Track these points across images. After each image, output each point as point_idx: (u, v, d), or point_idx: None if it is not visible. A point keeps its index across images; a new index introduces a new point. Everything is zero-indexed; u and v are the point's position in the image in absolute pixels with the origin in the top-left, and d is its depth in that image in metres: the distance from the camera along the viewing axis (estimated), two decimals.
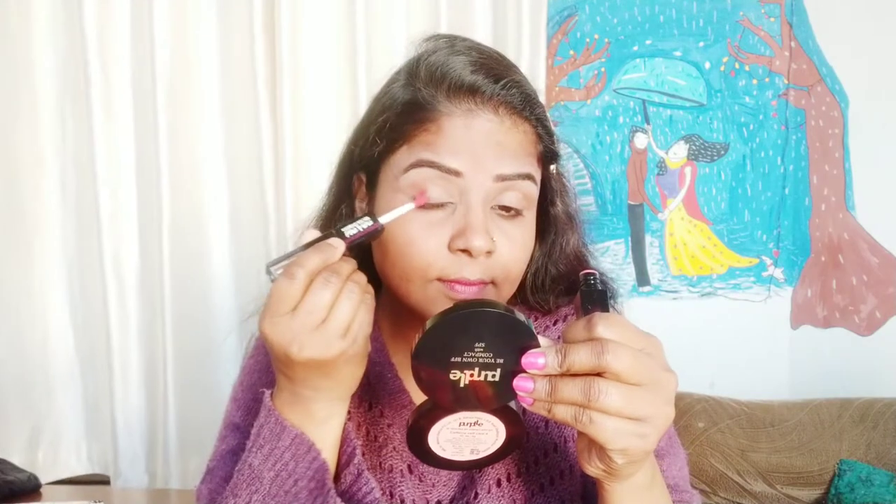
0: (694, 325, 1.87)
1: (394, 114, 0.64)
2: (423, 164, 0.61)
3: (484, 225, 0.60)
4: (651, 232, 1.89)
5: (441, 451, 0.54)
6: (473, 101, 0.61)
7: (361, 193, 0.69)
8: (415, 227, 0.61)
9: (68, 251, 1.76)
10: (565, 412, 0.47)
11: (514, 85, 0.62)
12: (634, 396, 0.46)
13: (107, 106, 1.67)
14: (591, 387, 0.45)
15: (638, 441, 0.47)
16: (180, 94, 1.69)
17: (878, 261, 1.86)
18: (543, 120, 0.65)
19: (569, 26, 1.86)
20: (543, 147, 0.66)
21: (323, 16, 1.70)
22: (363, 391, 0.69)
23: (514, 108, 0.62)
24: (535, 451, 0.69)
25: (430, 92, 0.62)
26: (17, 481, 1.51)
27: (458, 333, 0.48)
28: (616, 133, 1.88)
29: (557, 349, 0.47)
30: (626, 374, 0.45)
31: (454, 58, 0.63)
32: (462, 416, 0.52)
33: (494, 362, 0.48)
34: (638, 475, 0.53)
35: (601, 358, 0.45)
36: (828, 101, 1.85)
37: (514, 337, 0.48)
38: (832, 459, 1.62)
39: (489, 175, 0.60)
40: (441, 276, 0.61)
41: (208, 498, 0.69)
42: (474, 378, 0.49)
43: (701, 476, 1.64)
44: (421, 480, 0.68)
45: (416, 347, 0.49)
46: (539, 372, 0.47)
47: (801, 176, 1.88)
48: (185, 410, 1.73)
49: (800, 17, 1.84)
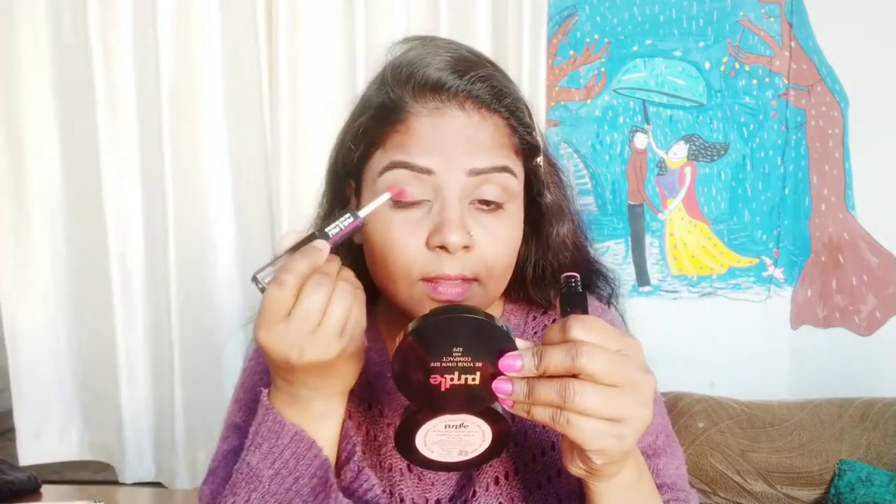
0: (694, 325, 1.87)
1: (367, 118, 0.65)
2: (397, 166, 0.61)
3: (459, 220, 0.60)
4: (651, 232, 1.89)
5: (430, 453, 0.54)
6: (439, 99, 0.62)
7: (354, 200, 0.69)
8: (394, 228, 0.61)
9: (73, 249, 1.78)
10: (543, 413, 0.47)
11: (480, 79, 0.63)
12: (611, 397, 0.46)
13: (111, 108, 1.69)
14: (567, 388, 0.46)
15: (615, 442, 0.47)
16: (184, 97, 1.70)
17: (878, 261, 1.86)
18: (516, 111, 0.65)
19: (569, 26, 1.86)
20: (519, 138, 0.65)
21: (323, 17, 1.70)
22: (362, 390, 0.69)
23: (481, 101, 0.63)
24: (532, 450, 0.69)
25: (398, 93, 0.63)
26: (17, 481, 1.51)
27: (436, 338, 0.49)
28: (616, 133, 1.88)
29: (534, 351, 0.47)
30: (601, 376, 0.45)
31: (421, 58, 0.64)
32: (447, 419, 0.52)
33: (473, 366, 0.49)
34: (622, 474, 0.53)
35: (575, 360, 0.45)
36: (828, 101, 1.85)
37: (492, 341, 0.49)
38: (832, 459, 1.62)
39: (462, 170, 0.61)
40: (423, 276, 0.61)
41: (209, 498, 0.69)
42: (454, 382, 0.49)
43: (701, 476, 1.64)
44: (420, 479, 0.68)
45: (396, 353, 0.49)
46: (516, 374, 0.48)
47: (801, 176, 1.88)
48: (191, 403, 1.75)
49: (800, 17, 1.84)
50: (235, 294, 1.77)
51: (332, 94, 1.72)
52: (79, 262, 1.78)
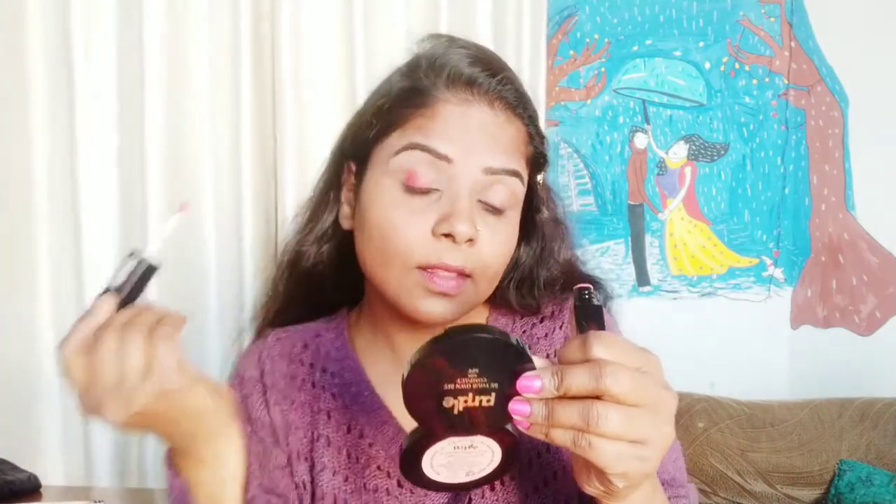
0: (694, 325, 1.87)
1: (391, 98, 0.65)
2: (416, 147, 0.61)
3: (469, 212, 0.60)
4: (651, 232, 1.89)
5: (436, 475, 0.52)
6: (470, 92, 0.62)
7: (349, 183, 0.69)
8: (400, 212, 0.61)
9: (53, 253, 1.68)
10: (563, 436, 0.45)
11: (510, 81, 0.64)
12: (634, 418, 0.44)
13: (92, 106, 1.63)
14: (591, 411, 0.43)
15: (639, 464, 0.45)
16: (175, 96, 1.66)
17: (878, 261, 1.86)
18: (536, 121, 0.66)
19: (569, 26, 1.86)
20: (534, 149, 0.66)
21: (322, 17, 1.70)
22: (340, 414, 0.69)
23: (508, 103, 0.64)
24: (529, 453, 0.68)
25: (431, 80, 0.63)
26: (17, 481, 1.51)
27: (451, 361, 0.46)
28: (616, 133, 1.88)
29: (554, 371, 0.45)
30: (625, 397, 0.43)
31: (453, 51, 0.65)
32: (456, 440, 0.50)
33: (489, 387, 0.47)
34: (638, 492, 0.52)
35: (600, 381, 0.43)
36: (828, 101, 1.85)
37: (509, 360, 0.47)
38: (832, 459, 1.62)
39: (479, 166, 0.61)
40: (421, 263, 0.61)
41: None
42: (468, 404, 0.47)
43: (701, 476, 1.64)
44: (412, 492, 0.67)
45: (407, 377, 0.47)
46: (535, 395, 0.45)
47: (801, 176, 1.88)
48: None
49: (800, 17, 1.84)
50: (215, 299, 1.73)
51: (331, 93, 1.71)
52: (62, 268, 1.68)
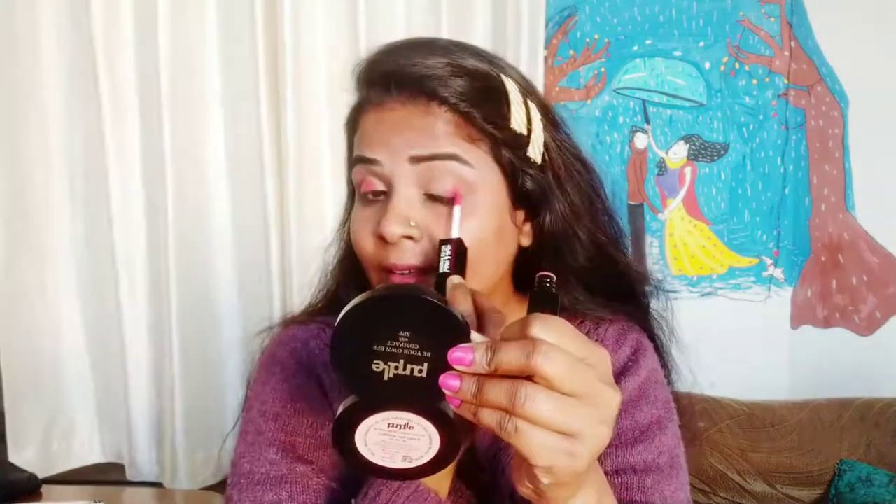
0: (694, 325, 1.86)
1: (347, 122, 0.69)
2: (357, 161, 0.64)
3: (399, 210, 0.60)
4: (651, 232, 1.89)
5: (370, 454, 0.48)
6: (386, 93, 0.63)
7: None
8: (357, 219, 0.64)
9: (77, 250, 1.78)
10: (490, 417, 0.42)
11: (425, 68, 0.61)
12: (565, 407, 0.41)
13: (114, 104, 1.68)
14: (519, 390, 0.40)
15: (566, 459, 0.41)
16: (184, 98, 1.69)
17: (878, 261, 1.86)
18: (470, 99, 0.61)
19: (569, 26, 1.86)
20: (478, 128, 0.62)
21: (324, 17, 1.70)
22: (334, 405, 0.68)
23: (423, 92, 0.61)
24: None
25: (360, 92, 0.67)
26: (18, 481, 1.51)
27: (382, 318, 0.44)
28: (616, 133, 1.88)
29: (487, 346, 0.42)
30: (557, 381, 0.40)
31: (374, 57, 0.66)
32: (391, 416, 0.47)
33: (421, 355, 0.44)
34: (576, 501, 0.47)
35: (531, 358, 0.40)
36: (828, 101, 1.85)
37: (444, 329, 0.44)
38: (832, 459, 1.62)
39: (403, 158, 0.61)
40: (379, 266, 0.62)
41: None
42: (399, 371, 0.44)
43: (701, 476, 1.64)
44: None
45: (336, 328, 0.44)
46: (466, 369, 0.42)
47: (801, 176, 1.88)
48: (191, 405, 1.75)
49: (800, 17, 1.84)
50: (234, 296, 1.77)
51: (332, 95, 1.71)
52: (87, 264, 1.78)
